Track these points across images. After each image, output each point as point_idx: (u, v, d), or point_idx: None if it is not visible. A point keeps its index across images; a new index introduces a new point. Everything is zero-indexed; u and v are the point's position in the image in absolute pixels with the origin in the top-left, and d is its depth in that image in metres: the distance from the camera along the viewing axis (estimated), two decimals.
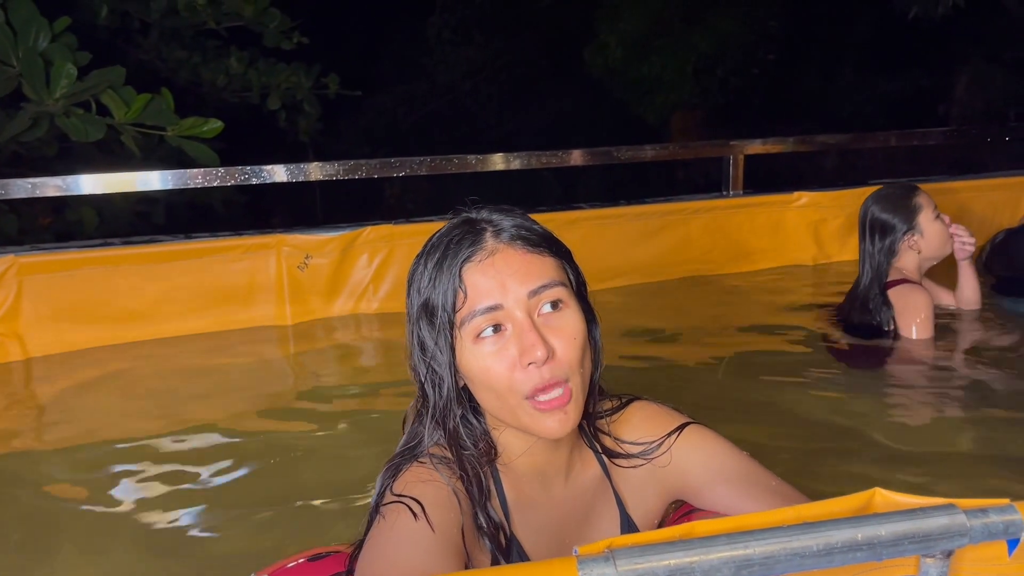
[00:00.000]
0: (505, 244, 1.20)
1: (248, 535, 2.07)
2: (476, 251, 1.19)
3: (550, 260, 1.23)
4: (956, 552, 0.76)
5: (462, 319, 1.18)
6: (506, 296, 1.17)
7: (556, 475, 1.31)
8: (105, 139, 4.03)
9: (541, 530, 1.29)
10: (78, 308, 3.35)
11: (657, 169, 9.71)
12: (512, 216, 1.25)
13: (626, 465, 1.35)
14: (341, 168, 3.77)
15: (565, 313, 1.20)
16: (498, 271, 1.18)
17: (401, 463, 1.25)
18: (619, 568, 0.68)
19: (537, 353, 1.14)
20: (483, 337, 1.18)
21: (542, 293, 1.19)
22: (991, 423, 2.50)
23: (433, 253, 1.23)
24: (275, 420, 2.78)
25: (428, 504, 1.14)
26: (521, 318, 1.17)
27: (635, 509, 1.35)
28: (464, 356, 1.20)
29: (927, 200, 3.12)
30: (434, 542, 1.10)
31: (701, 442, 1.34)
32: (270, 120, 6.71)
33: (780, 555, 0.71)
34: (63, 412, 2.90)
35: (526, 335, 1.16)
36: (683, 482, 1.34)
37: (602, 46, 10.68)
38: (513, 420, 1.21)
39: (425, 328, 1.22)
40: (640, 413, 1.39)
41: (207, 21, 5.80)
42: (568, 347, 1.18)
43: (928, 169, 5.54)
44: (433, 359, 1.22)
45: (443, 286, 1.19)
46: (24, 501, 2.32)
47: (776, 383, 2.88)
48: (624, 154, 4.34)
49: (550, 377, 1.16)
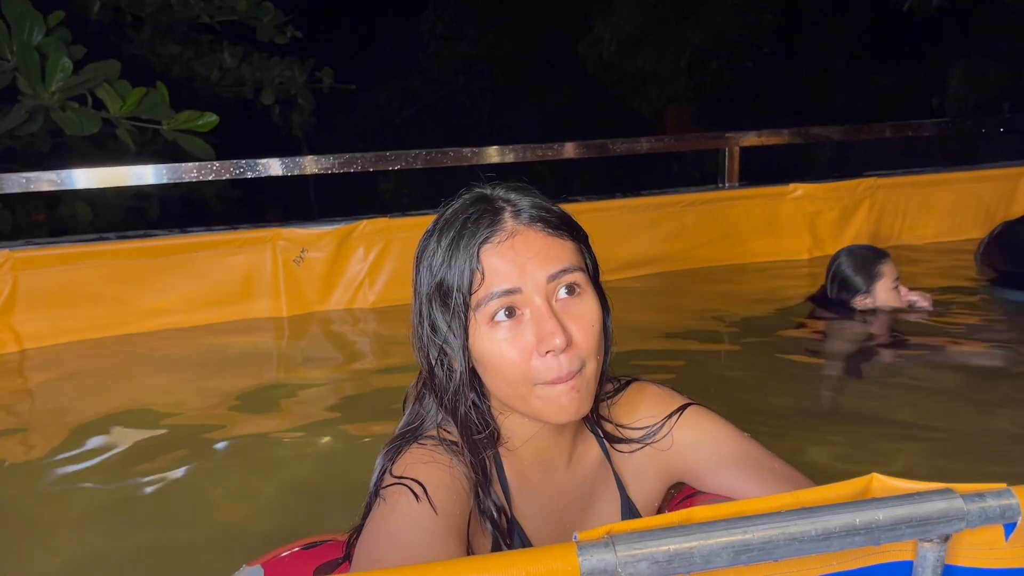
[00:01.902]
0: (525, 225, 1.16)
1: (242, 525, 2.07)
2: (495, 232, 1.15)
3: (569, 244, 1.19)
4: (953, 536, 0.76)
5: (478, 301, 1.14)
6: (525, 280, 1.13)
7: (559, 460, 1.29)
8: (99, 134, 4.01)
9: (542, 515, 1.28)
10: (73, 303, 3.35)
11: (652, 163, 9.70)
12: (530, 195, 1.21)
13: (626, 449, 1.32)
14: (336, 161, 3.77)
15: (583, 299, 1.17)
16: (518, 253, 1.14)
17: (401, 445, 1.22)
18: (618, 554, 0.68)
19: (556, 341, 1.11)
20: (498, 321, 1.14)
21: (561, 278, 1.15)
22: (988, 409, 2.51)
23: (447, 231, 1.17)
24: (271, 412, 2.78)
25: (430, 486, 1.11)
26: (539, 303, 1.13)
27: (636, 493, 1.33)
28: (477, 340, 1.15)
29: (890, 270, 3.27)
30: (437, 524, 1.07)
31: (703, 424, 1.32)
32: (264, 115, 6.69)
33: (778, 540, 0.71)
34: (57, 404, 2.90)
35: (545, 322, 1.12)
36: (685, 465, 1.31)
37: (596, 40, 10.66)
38: (523, 406, 1.17)
39: (438, 309, 1.17)
40: (639, 395, 1.36)
41: (200, 15, 5.78)
42: (586, 334, 1.15)
43: (922, 161, 5.54)
44: (446, 342, 1.18)
45: (459, 266, 1.14)
46: (17, 488, 2.32)
47: (770, 373, 2.89)
48: (619, 147, 4.33)
49: (568, 366, 1.12)
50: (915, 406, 2.57)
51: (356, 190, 9.37)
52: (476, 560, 0.70)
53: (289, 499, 2.18)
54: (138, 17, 5.96)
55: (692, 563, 0.69)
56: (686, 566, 0.69)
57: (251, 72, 6.31)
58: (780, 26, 10.48)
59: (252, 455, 2.46)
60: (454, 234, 1.16)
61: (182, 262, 3.49)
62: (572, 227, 1.22)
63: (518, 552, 0.70)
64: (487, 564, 0.69)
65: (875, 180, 4.40)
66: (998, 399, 2.58)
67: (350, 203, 5.06)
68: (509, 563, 0.68)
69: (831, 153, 9.51)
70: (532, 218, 1.17)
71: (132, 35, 6.16)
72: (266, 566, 1.36)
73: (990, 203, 4.56)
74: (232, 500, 2.20)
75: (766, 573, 0.75)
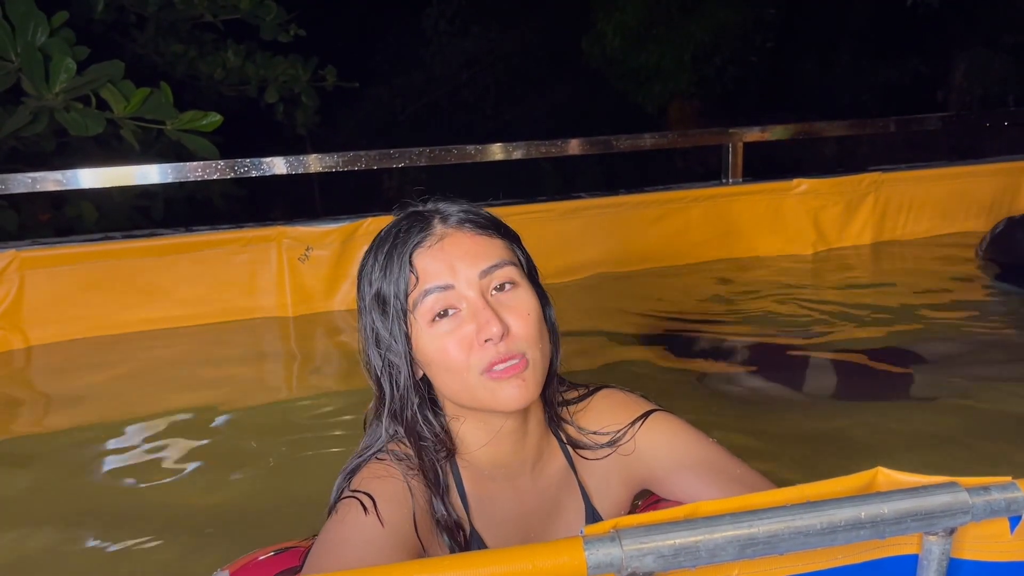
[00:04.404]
0: (453, 228, 1.21)
1: (242, 525, 2.07)
2: (425, 237, 1.20)
3: (499, 242, 1.23)
4: (958, 530, 0.76)
5: (414, 302, 1.18)
6: (457, 277, 1.17)
7: (521, 468, 1.30)
8: (103, 134, 4.02)
9: (504, 524, 1.28)
10: (79, 302, 3.36)
11: (656, 159, 9.68)
12: (458, 203, 1.26)
13: (591, 457, 1.33)
14: (341, 159, 3.77)
15: (517, 292, 1.20)
16: (447, 254, 1.18)
17: (360, 464, 1.24)
18: (625, 548, 0.69)
19: (493, 329, 1.14)
20: (437, 319, 1.17)
21: (493, 273, 1.19)
22: (994, 401, 2.51)
23: (382, 246, 1.23)
24: (275, 411, 2.79)
25: (380, 499, 1.14)
26: (474, 297, 1.17)
27: (600, 501, 1.34)
28: (420, 341, 1.19)
29: None
30: (382, 536, 1.10)
31: (665, 429, 1.33)
32: (267, 113, 6.70)
33: (784, 534, 0.71)
34: (62, 401, 2.91)
35: (481, 312, 1.16)
36: (648, 471, 1.33)
37: (599, 35, 10.63)
38: (472, 399, 1.19)
39: (378, 319, 1.21)
40: (605, 401, 1.38)
41: (204, 14, 5.78)
42: (523, 323, 1.18)
43: (927, 155, 5.54)
44: (389, 350, 1.21)
45: (394, 274, 1.19)
46: (17, 486, 2.34)
47: (774, 367, 2.89)
48: (623, 143, 4.33)
49: (506, 351, 1.15)
50: (918, 398, 2.57)
51: (360, 188, 9.37)
52: (483, 555, 0.70)
53: (293, 500, 2.18)
54: (142, 16, 5.96)
55: (698, 557, 0.70)
56: (692, 560, 0.70)
57: (255, 71, 6.30)
58: (783, 20, 10.46)
59: (257, 454, 2.47)
60: (388, 247, 1.22)
61: (187, 261, 3.50)
62: (500, 227, 1.27)
63: (525, 547, 0.70)
64: (494, 558, 0.69)
65: (879, 175, 4.39)
66: (1004, 391, 2.58)
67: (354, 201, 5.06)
68: (516, 558, 0.69)
69: (835, 148, 9.48)
70: (460, 220, 1.22)
71: (136, 34, 6.16)
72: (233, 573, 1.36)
73: (995, 197, 4.54)
74: (233, 498, 2.21)
75: (771, 567, 0.75)
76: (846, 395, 2.65)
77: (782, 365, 2.91)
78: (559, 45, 11.48)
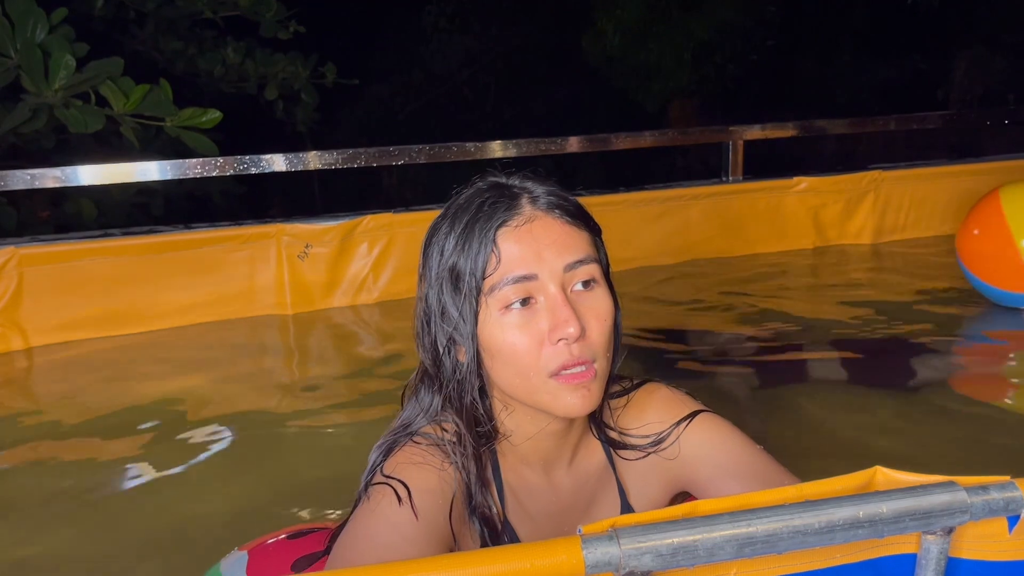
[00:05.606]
0: (543, 212, 1.13)
1: (241, 518, 2.07)
2: (513, 216, 1.11)
3: (586, 235, 1.16)
4: (957, 529, 0.76)
5: (491, 286, 1.10)
6: (541, 267, 1.10)
7: (560, 461, 1.25)
8: (103, 131, 4.02)
9: (538, 517, 1.24)
10: (78, 299, 3.36)
11: (656, 157, 9.68)
12: (547, 184, 1.17)
13: (631, 457, 1.28)
14: (340, 157, 3.77)
15: (597, 292, 1.14)
16: (535, 239, 1.10)
17: (396, 440, 1.19)
18: (623, 547, 0.68)
19: (570, 330, 1.07)
20: (511, 308, 1.10)
21: (578, 268, 1.12)
22: (994, 400, 2.51)
23: (461, 215, 1.14)
24: (275, 408, 2.79)
25: (415, 489, 1.09)
26: (554, 292, 1.10)
27: (637, 499, 1.28)
28: (488, 327, 1.12)
29: None
30: (415, 530, 1.05)
31: (711, 433, 1.26)
32: (267, 111, 6.69)
33: (782, 533, 0.71)
34: (61, 400, 2.91)
35: (560, 310, 1.09)
36: (690, 475, 1.26)
37: (599, 33, 10.63)
38: (530, 398, 1.13)
39: (448, 293, 1.13)
40: (650, 397, 1.31)
41: (203, 11, 5.78)
42: (599, 328, 1.12)
43: (927, 153, 5.54)
44: (456, 328, 1.14)
45: (474, 250, 1.11)
46: (17, 485, 2.34)
47: (772, 365, 2.89)
48: (623, 141, 4.33)
49: (579, 355, 1.09)
50: (918, 398, 2.57)
51: (360, 185, 9.38)
52: (480, 553, 0.70)
53: (292, 493, 2.18)
54: (141, 13, 5.96)
55: (696, 556, 0.69)
56: (690, 559, 0.69)
57: (254, 68, 6.31)
58: (784, 18, 10.45)
59: (256, 450, 2.47)
60: (469, 218, 1.13)
61: (187, 258, 3.49)
62: (588, 219, 1.19)
63: (522, 545, 0.70)
64: (491, 557, 0.69)
65: (879, 173, 4.40)
66: (1002, 391, 2.58)
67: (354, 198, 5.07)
68: (513, 556, 0.69)
69: (835, 146, 9.48)
70: (550, 205, 1.14)
71: (135, 31, 6.16)
72: (251, 553, 1.36)
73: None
74: (234, 495, 2.21)
75: (770, 566, 0.75)
76: (845, 393, 2.65)
77: (780, 363, 2.91)
78: (559, 43, 11.47)
